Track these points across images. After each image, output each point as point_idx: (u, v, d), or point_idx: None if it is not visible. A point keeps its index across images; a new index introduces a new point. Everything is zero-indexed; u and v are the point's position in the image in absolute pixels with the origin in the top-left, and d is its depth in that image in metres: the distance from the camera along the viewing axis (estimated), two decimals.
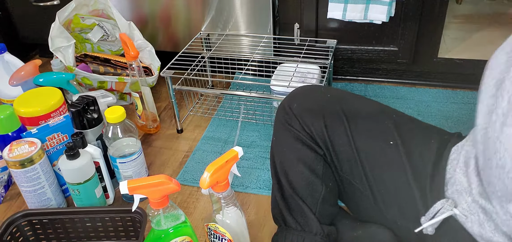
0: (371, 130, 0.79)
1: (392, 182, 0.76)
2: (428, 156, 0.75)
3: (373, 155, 0.78)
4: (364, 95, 1.52)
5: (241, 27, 1.52)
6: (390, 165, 0.76)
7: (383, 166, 0.77)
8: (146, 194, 0.69)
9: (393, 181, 0.76)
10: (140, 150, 1.06)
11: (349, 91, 0.90)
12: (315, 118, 0.80)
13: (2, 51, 1.45)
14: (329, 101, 0.82)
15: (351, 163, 0.79)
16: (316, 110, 0.80)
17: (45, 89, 1.17)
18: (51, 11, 1.46)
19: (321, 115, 0.80)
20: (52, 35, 1.37)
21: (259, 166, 1.20)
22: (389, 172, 0.76)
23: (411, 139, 0.77)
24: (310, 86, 0.88)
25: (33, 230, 0.94)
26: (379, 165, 0.77)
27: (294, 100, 0.83)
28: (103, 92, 1.38)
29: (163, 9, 1.56)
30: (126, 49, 1.21)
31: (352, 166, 0.79)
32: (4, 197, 1.16)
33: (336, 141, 0.79)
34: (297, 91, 0.86)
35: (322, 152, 0.81)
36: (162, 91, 1.61)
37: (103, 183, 1.06)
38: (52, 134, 1.03)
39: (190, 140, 1.35)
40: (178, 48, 1.52)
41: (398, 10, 1.36)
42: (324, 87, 0.89)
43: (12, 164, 0.95)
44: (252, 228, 1.02)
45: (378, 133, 0.78)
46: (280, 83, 1.28)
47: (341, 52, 1.51)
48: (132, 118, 1.43)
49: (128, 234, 0.96)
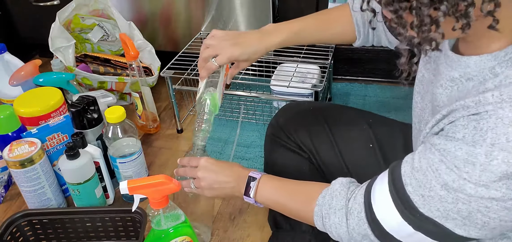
0: (351, 134, 0.84)
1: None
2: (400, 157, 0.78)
3: (355, 157, 0.82)
4: (364, 95, 1.52)
5: (241, 27, 1.52)
6: (370, 167, 0.80)
7: (365, 167, 0.81)
8: (146, 194, 0.69)
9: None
10: (140, 150, 1.06)
11: (330, 103, 0.96)
12: (299, 127, 0.86)
13: (2, 51, 1.45)
14: (312, 112, 0.89)
15: (336, 167, 0.83)
16: (300, 121, 0.87)
17: (45, 89, 1.17)
18: (51, 11, 1.46)
19: (305, 124, 0.86)
20: (52, 35, 1.37)
21: (259, 166, 1.20)
22: (371, 173, 0.79)
23: (384, 140, 0.82)
24: (295, 102, 0.98)
25: (33, 230, 0.94)
26: (361, 166, 0.81)
27: (280, 116, 0.92)
28: (103, 92, 1.38)
29: (163, 9, 1.56)
30: (126, 49, 1.21)
31: (338, 170, 0.83)
32: (4, 197, 1.16)
33: (320, 146, 0.84)
34: (283, 108, 0.95)
35: (307, 155, 0.86)
36: (162, 91, 1.61)
37: (103, 183, 1.06)
38: (52, 134, 1.03)
39: (190, 140, 1.35)
40: (178, 48, 1.52)
41: None
42: (308, 102, 0.99)
43: (12, 164, 0.95)
44: (252, 228, 1.02)
45: (357, 135, 0.84)
46: (280, 83, 1.29)
47: (341, 52, 1.51)
48: (132, 118, 1.43)
49: (128, 234, 0.96)
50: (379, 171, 0.79)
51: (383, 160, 0.80)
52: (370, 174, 0.80)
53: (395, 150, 0.80)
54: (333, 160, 0.83)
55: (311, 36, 0.80)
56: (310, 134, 0.85)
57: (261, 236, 1.00)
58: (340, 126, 0.85)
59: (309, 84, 1.27)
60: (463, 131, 0.47)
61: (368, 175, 0.80)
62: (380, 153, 0.80)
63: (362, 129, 0.84)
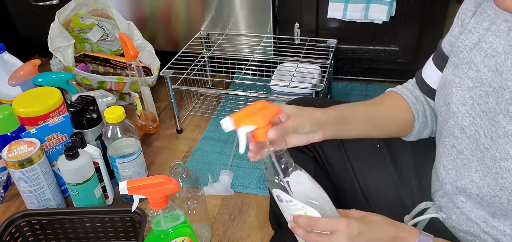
0: None
1: (381, 184, 0.78)
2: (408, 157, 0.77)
3: (362, 157, 0.80)
4: (365, 95, 1.51)
5: (241, 27, 1.52)
6: (377, 167, 0.78)
7: (372, 167, 0.79)
8: (145, 194, 0.69)
9: (382, 182, 0.78)
10: (139, 150, 1.06)
11: (334, 99, 0.93)
12: None
13: (2, 51, 1.44)
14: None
15: (341, 166, 0.81)
16: None
17: (44, 89, 1.16)
18: (50, 11, 1.45)
19: None
20: (52, 35, 1.36)
21: (259, 166, 1.20)
22: (377, 174, 0.78)
23: (392, 141, 0.79)
24: (300, 98, 0.91)
25: (32, 231, 0.94)
26: (367, 166, 0.79)
27: None
28: (102, 92, 1.37)
29: (163, 9, 1.56)
30: (125, 49, 1.21)
31: (343, 169, 0.81)
32: (3, 197, 1.15)
33: (326, 146, 0.82)
34: (288, 103, 0.89)
35: (312, 154, 0.83)
36: (161, 91, 1.61)
37: (102, 183, 1.06)
38: (51, 134, 1.03)
39: (190, 140, 1.35)
40: (177, 48, 1.52)
41: (398, 10, 1.36)
42: (313, 98, 0.89)
43: (11, 164, 0.95)
44: (252, 228, 1.02)
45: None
46: (280, 83, 1.28)
47: (341, 52, 1.51)
48: (131, 118, 1.42)
49: (128, 235, 0.96)
50: (386, 171, 0.77)
51: (391, 159, 0.78)
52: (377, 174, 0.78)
53: (403, 149, 0.78)
54: (339, 160, 0.81)
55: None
56: None
57: (261, 236, 1.00)
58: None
59: (309, 84, 1.26)
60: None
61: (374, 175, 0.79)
62: (387, 153, 0.78)
63: None
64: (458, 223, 0.65)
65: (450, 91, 0.60)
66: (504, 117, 0.52)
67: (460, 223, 0.65)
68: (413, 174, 0.76)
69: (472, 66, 0.57)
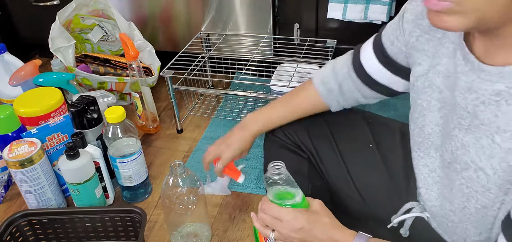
0: (351, 134, 0.85)
1: (374, 183, 0.80)
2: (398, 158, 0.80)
3: (356, 157, 0.82)
4: None
5: (241, 27, 1.52)
6: (371, 167, 0.80)
7: (365, 168, 0.81)
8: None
9: (375, 182, 0.80)
10: (140, 150, 1.06)
11: None
12: (298, 127, 0.86)
13: (2, 51, 1.45)
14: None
15: (336, 167, 0.83)
16: (300, 121, 0.87)
17: (45, 89, 1.17)
18: (51, 11, 1.46)
19: (305, 124, 0.86)
20: (52, 36, 1.37)
21: (259, 166, 1.20)
22: (370, 174, 0.80)
23: (383, 140, 0.82)
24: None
25: (32, 230, 0.94)
26: (361, 166, 0.81)
27: None
28: (103, 92, 1.38)
29: (163, 9, 1.56)
30: (126, 49, 1.21)
31: (337, 170, 0.83)
32: (4, 197, 1.16)
33: (320, 147, 0.84)
34: None
35: (306, 156, 0.86)
36: (162, 91, 1.61)
37: (103, 183, 1.06)
38: (52, 134, 1.03)
39: (190, 140, 1.35)
40: (178, 48, 1.52)
41: (398, 10, 1.36)
42: None
43: (12, 164, 0.95)
44: (252, 228, 1.02)
45: (357, 135, 0.84)
46: (280, 83, 1.28)
47: (341, 52, 1.49)
48: (132, 118, 1.43)
49: (128, 234, 0.96)
50: (379, 171, 0.79)
51: (382, 160, 0.80)
52: (370, 174, 0.80)
53: (394, 151, 0.81)
54: (333, 161, 0.83)
55: (285, 120, 0.86)
56: (310, 134, 0.85)
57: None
58: (340, 126, 0.86)
59: None
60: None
61: (368, 175, 0.80)
62: (379, 154, 0.80)
63: (362, 129, 0.84)
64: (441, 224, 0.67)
65: (422, 115, 0.64)
66: (459, 131, 0.56)
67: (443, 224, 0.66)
68: (402, 175, 0.78)
69: (435, 89, 0.61)
